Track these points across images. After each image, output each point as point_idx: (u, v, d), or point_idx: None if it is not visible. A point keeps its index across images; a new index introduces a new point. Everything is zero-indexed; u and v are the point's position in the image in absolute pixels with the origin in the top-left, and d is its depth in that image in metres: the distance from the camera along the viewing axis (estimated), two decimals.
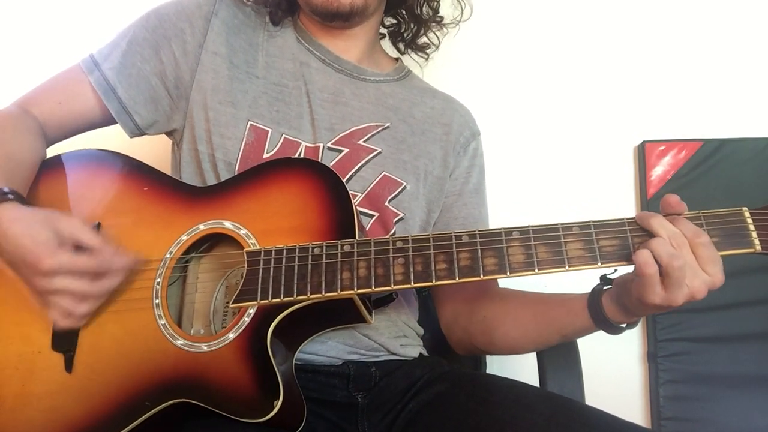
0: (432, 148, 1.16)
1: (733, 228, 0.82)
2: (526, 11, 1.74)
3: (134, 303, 0.93)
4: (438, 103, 1.23)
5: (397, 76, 1.22)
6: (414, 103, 1.20)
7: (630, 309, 0.87)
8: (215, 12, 1.10)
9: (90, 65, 1.09)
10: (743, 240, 0.82)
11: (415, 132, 1.16)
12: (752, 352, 1.63)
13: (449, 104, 1.24)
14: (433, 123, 1.19)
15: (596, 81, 1.74)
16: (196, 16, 1.09)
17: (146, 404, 0.86)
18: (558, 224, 0.84)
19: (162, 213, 0.98)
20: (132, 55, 1.08)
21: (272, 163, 1.00)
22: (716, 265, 0.80)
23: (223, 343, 0.87)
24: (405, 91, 1.21)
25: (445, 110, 1.22)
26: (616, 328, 0.92)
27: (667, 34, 1.74)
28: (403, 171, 1.11)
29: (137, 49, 1.08)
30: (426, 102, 1.22)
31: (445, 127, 1.19)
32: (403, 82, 1.23)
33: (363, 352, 1.05)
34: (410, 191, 1.11)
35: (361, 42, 1.18)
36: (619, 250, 0.82)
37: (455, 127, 1.20)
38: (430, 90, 1.26)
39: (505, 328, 1.06)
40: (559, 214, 1.05)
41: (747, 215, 0.83)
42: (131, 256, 0.90)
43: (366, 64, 1.18)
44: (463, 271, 0.83)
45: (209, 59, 1.08)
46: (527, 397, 0.96)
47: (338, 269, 0.85)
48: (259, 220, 0.93)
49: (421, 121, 1.18)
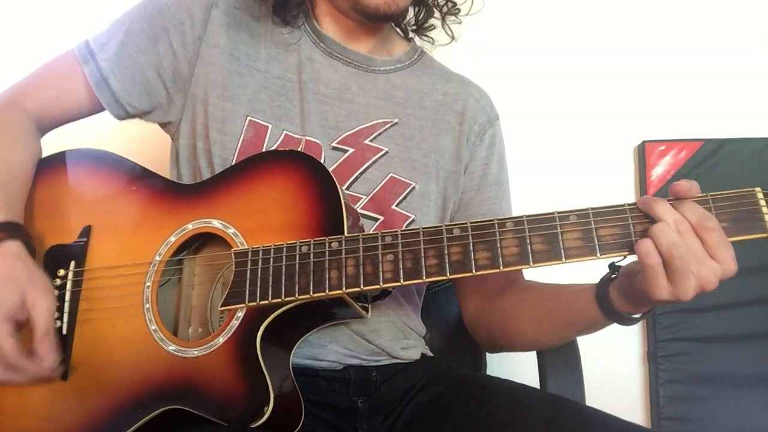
0: (444, 141, 1.12)
1: (744, 211, 0.74)
2: (526, 11, 1.74)
3: (126, 309, 0.92)
4: (452, 88, 1.17)
5: (408, 61, 1.17)
6: (425, 92, 1.15)
7: (638, 302, 0.81)
8: (215, 3, 1.06)
9: (85, 55, 1.06)
10: (755, 224, 0.74)
11: (426, 126, 1.12)
12: (752, 352, 1.63)
13: (464, 88, 1.18)
14: (446, 111, 1.14)
15: (596, 81, 1.73)
16: (196, 7, 1.05)
17: (139, 412, 0.85)
18: (554, 213, 0.79)
19: (151, 213, 0.97)
20: (128, 45, 1.05)
21: (259, 156, 0.98)
22: (726, 251, 0.73)
23: (212, 348, 0.86)
24: (416, 80, 1.16)
25: (459, 96, 1.16)
26: (628, 320, 0.85)
27: (667, 34, 1.74)
28: (412, 170, 1.08)
29: (134, 39, 1.05)
30: (438, 89, 1.16)
31: (458, 116, 1.14)
32: (414, 69, 1.17)
33: (364, 357, 1.04)
34: (419, 191, 1.07)
35: (378, 36, 1.14)
36: (620, 239, 0.76)
37: (469, 114, 1.14)
38: (445, 73, 1.21)
39: (523, 327, 1.02)
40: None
41: (760, 196, 0.74)
42: (51, 363, 0.86)
43: (377, 53, 1.14)
44: (454, 266, 0.79)
45: (208, 52, 1.05)
46: (527, 399, 0.95)
47: (326, 268, 0.83)
48: (247, 218, 0.91)
49: (432, 111, 1.13)
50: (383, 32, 1.14)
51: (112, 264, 0.95)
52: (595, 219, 0.77)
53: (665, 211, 0.74)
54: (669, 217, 0.74)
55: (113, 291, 0.93)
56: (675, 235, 0.73)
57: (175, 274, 0.97)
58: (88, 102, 1.08)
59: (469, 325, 1.14)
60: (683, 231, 0.73)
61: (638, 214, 0.77)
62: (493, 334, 1.08)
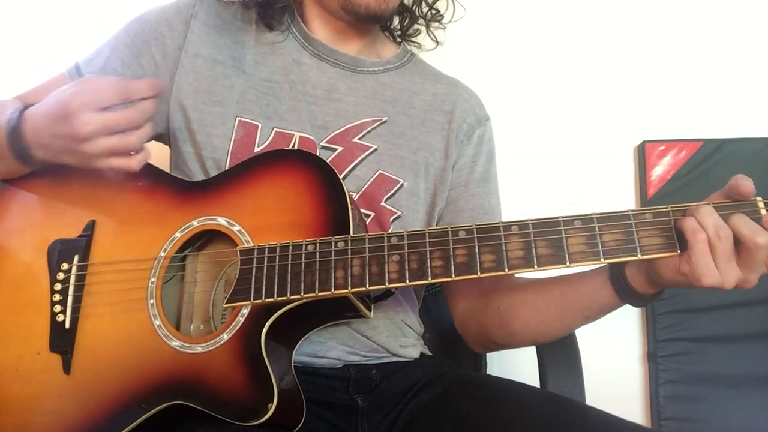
0: (433, 140, 1.13)
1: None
2: (526, 11, 1.73)
3: (130, 303, 0.92)
4: (441, 89, 1.18)
5: (398, 63, 1.19)
6: (414, 92, 1.16)
7: (658, 282, 0.83)
8: (194, 14, 1.09)
9: (73, 72, 1.09)
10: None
11: (415, 124, 1.13)
12: (752, 352, 1.62)
13: (453, 89, 1.19)
14: (435, 111, 1.15)
15: (596, 81, 1.73)
16: (176, 20, 1.08)
17: (142, 407, 0.86)
18: (559, 218, 0.80)
19: (156, 209, 0.97)
20: (113, 60, 1.08)
21: (265, 155, 0.99)
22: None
23: (217, 344, 0.86)
24: (405, 80, 1.17)
25: (448, 96, 1.17)
26: (643, 299, 0.87)
27: (667, 34, 1.73)
28: (401, 167, 1.09)
29: (118, 54, 1.08)
30: (427, 89, 1.17)
31: (447, 115, 1.15)
32: (403, 70, 1.19)
33: (363, 353, 1.04)
34: (408, 188, 1.08)
35: (367, 37, 1.15)
36: (624, 245, 0.78)
37: (458, 114, 1.15)
38: (434, 74, 1.22)
39: (525, 317, 1.00)
40: (559, 214, 1.03)
41: (761, 206, 0.76)
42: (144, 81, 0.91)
43: (365, 54, 1.15)
44: (460, 268, 0.80)
45: (189, 61, 1.06)
46: (528, 398, 0.95)
47: (332, 267, 0.83)
48: (253, 216, 0.92)
49: (421, 111, 1.14)
50: (372, 34, 1.16)
51: (116, 259, 0.95)
52: (600, 225, 0.79)
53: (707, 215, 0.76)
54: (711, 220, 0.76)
55: (117, 286, 0.93)
56: (719, 219, 0.75)
57: (179, 270, 0.97)
58: None
59: (460, 325, 1.13)
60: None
61: (641, 221, 0.78)
62: (488, 330, 1.07)
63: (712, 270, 0.76)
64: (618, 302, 0.89)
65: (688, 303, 1.64)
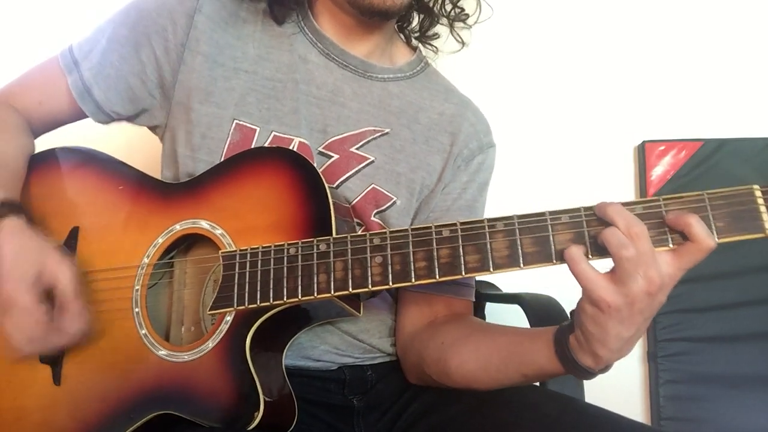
0: (433, 160, 1.08)
1: (741, 210, 0.71)
2: (526, 12, 1.73)
3: (116, 313, 0.91)
4: (449, 108, 1.12)
5: (410, 72, 1.13)
6: (421, 107, 1.10)
7: (589, 344, 0.75)
8: (198, 7, 1.01)
9: (69, 64, 1.04)
10: (753, 224, 0.70)
11: (418, 140, 1.07)
12: (752, 352, 1.64)
13: (462, 110, 1.13)
14: (439, 131, 1.10)
15: (596, 81, 1.74)
16: (179, 12, 1.01)
17: (131, 417, 0.85)
18: (545, 212, 0.75)
19: (138, 214, 0.96)
20: (110, 53, 1.02)
21: (246, 154, 0.95)
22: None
23: (202, 353, 0.85)
24: (414, 93, 1.11)
25: (455, 117, 1.11)
26: (586, 372, 0.78)
27: (667, 34, 1.74)
28: (395, 185, 1.04)
29: (116, 47, 1.02)
30: (435, 107, 1.11)
31: (451, 137, 1.09)
32: (414, 81, 1.13)
33: (357, 355, 1.04)
34: (400, 207, 1.04)
35: (376, 37, 1.08)
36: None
37: (461, 138, 1.10)
38: (446, 90, 1.16)
39: (464, 357, 0.93)
40: None
41: (758, 194, 0.71)
42: (84, 324, 0.86)
43: (376, 58, 1.09)
44: (444, 269, 0.77)
45: (192, 58, 1.01)
46: (532, 398, 0.94)
47: (314, 272, 0.81)
48: (234, 218, 0.90)
49: (426, 128, 1.09)
50: (383, 34, 1.09)
51: (100, 267, 0.94)
52: (587, 219, 0.74)
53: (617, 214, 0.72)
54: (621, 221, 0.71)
55: (102, 295, 0.92)
56: (624, 238, 0.70)
57: (165, 275, 0.96)
58: (72, 109, 1.06)
59: (402, 346, 1.07)
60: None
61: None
62: (425, 363, 1.00)
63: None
64: (558, 367, 0.81)
65: (688, 303, 1.65)
